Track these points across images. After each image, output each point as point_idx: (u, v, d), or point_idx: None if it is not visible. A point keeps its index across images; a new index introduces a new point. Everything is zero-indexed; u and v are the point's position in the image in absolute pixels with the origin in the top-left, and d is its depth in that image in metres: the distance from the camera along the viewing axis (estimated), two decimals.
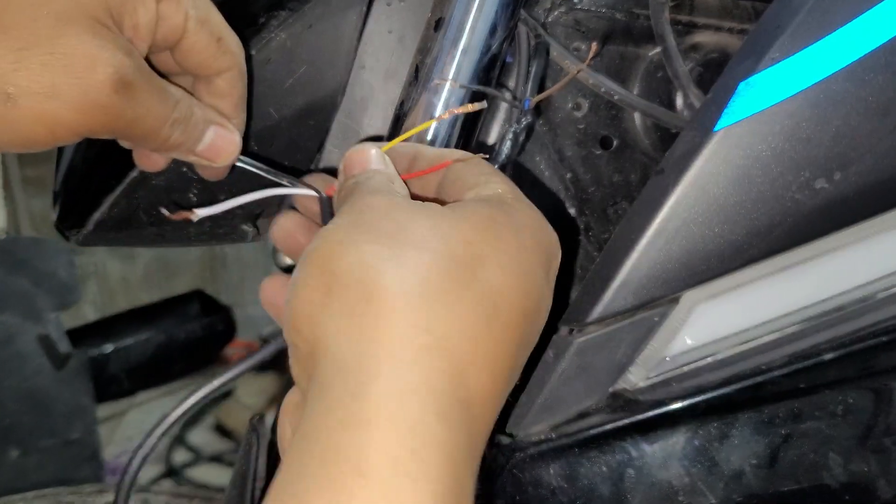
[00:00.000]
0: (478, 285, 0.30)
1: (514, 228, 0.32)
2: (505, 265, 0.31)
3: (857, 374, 0.44)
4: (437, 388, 0.27)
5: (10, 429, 1.25)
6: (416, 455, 0.25)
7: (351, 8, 0.48)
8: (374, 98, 0.51)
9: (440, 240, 0.30)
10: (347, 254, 0.30)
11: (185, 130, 0.40)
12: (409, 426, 0.26)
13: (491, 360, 0.29)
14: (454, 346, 0.28)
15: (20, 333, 1.26)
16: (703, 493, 0.42)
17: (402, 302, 0.28)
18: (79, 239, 0.50)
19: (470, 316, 0.29)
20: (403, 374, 0.27)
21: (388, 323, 0.28)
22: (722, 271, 0.40)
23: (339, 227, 0.32)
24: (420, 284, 0.29)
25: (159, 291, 2.02)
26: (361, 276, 0.29)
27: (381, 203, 0.33)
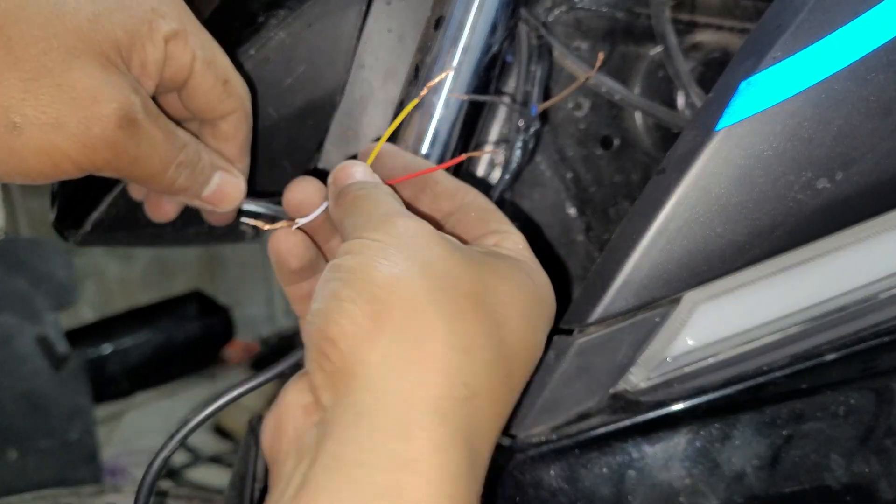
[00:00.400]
0: (503, 347, 0.31)
1: (535, 297, 0.34)
2: (523, 331, 0.32)
3: (859, 374, 0.44)
4: (469, 441, 0.29)
5: (8, 430, 1.25)
6: (450, 499, 0.27)
7: (350, 7, 0.48)
8: (374, 97, 0.50)
9: (482, 292, 0.31)
10: (398, 284, 0.30)
11: (192, 174, 0.40)
12: (450, 475, 0.27)
13: (501, 418, 0.31)
14: (482, 402, 0.30)
15: (18, 334, 1.26)
16: (705, 494, 0.42)
17: (448, 352, 0.29)
18: (77, 239, 0.49)
19: (495, 375, 0.30)
20: (446, 424, 0.28)
21: (435, 370, 0.29)
22: (723, 271, 0.40)
23: (384, 246, 0.31)
24: (463, 336, 0.30)
25: (158, 292, 2.02)
26: (412, 313, 0.29)
27: (422, 231, 0.32)
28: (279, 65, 0.46)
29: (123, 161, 0.36)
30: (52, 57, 0.34)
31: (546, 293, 0.35)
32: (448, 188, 0.38)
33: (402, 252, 0.31)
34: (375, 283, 0.30)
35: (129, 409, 1.82)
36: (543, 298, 0.35)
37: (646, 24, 0.52)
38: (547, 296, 0.35)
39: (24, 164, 0.35)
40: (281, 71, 0.47)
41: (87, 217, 0.49)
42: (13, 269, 1.28)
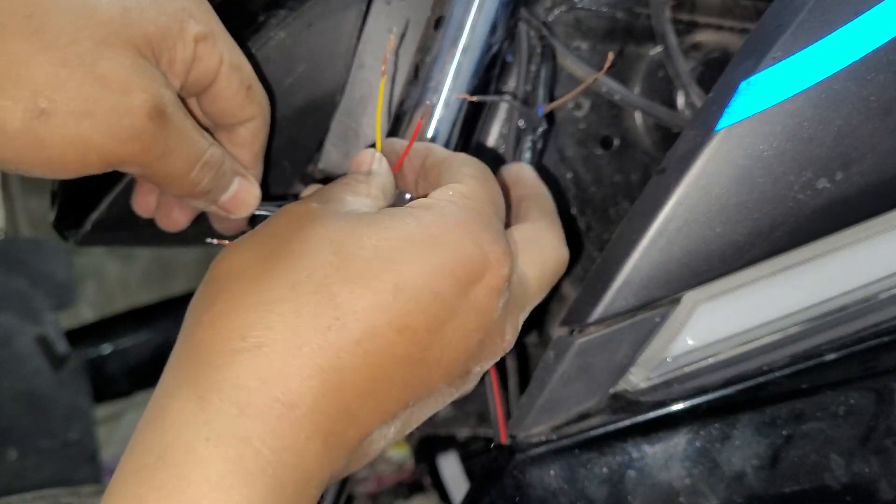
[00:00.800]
0: (319, 298, 0.30)
1: (413, 240, 0.31)
2: (369, 280, 0.30)
3: (859, 374, 0.44)
4: (245, 388, 0.28)
5: (7, 430, 1.25)
6: (209, 442, 0.28)
7: (350, 6, 0.48)
8: (374, 97, 0.50)
9: (312, 249, 0.31)
10: (224, 260, 0.32)
11: (215, 177, 0.40)
12: (204, 419, 0.28)
13: (327, 370, 0.30)
14: (273, 352, 0.29)
15: (18, 334, 1.26)
16: (705, 494, 0.42)
17: (234, 310, 0.30)
18: (77, 239, 0.49)
19: (301, 326, 0.30)
20: (209, 376, 0.29)
21: (213, 330, 0.30)
22: (723, 271, 0.40)
23: (245, 235, 0.34)
24: (261, 293, 0.30)
25: (158, 292, 2.02)
26: (217, 284, 0.31)
27: (295, 209, 0.34)
28: (279, 65, 0.46)
29: (151, 155, 0.36)
30: (83, 45, 0.33)
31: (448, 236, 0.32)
32: (433, 161, 0.38)
33: (257, 230, 0.34)
34: (214, 262, 0.33)
35: (129, 409, 1.82)
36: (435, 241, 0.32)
37: (646, 24, 0.52)
38: (448, 238, 0.32)
39: (48, 153, 0.34)
40: (281, 71, 0.47)
41: (88, 217, 0.49)
42: (13, 268, 1.28)
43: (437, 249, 0.31)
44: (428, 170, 0.38)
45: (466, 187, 0.35)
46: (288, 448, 0.28)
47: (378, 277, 0.30)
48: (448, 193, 0.34)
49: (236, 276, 0.31)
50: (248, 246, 0.32)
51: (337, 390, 0.30)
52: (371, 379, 0.30)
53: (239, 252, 0.32)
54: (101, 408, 1.64)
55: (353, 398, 0.30)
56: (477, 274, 0.32)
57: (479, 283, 0.32)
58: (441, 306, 0.31)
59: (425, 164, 0.38)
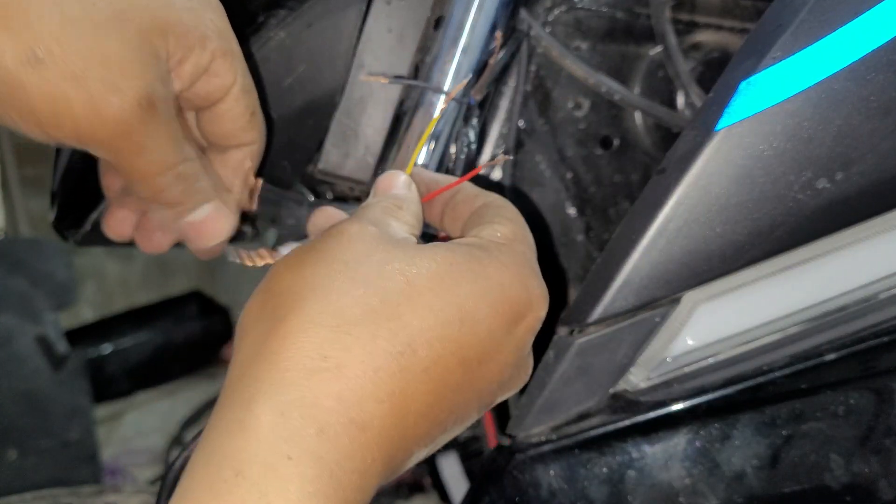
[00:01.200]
0: (397, 323, 0.31)
1: (474, 277, 0.33)
2: (438, 311, 0.31)
3: (858, 374, 0.44)
4: (323, 407, 0.29)
5: (7, 430, 1.25)
6: (291, 461, 0.27)
7: (350, 6, 0.48)
8: (374, 97, 0.50)
9: (378, 275, 0.31)
10: (288, 275, 0.32)
11: (185, 192, 0.39)
12: (285, 436, 0.28)
13: (397, 394, 0.30)
14: (352, 374, 0.29)
15: (18, 334, 1.26)
16: (705, 494, 0.42)
17: (310, 328, 0.30)
18: (77, 239, 0.49)
19: (377, 350, 0.30)
20: (290, 391, 0.29)
21: (290, 345, 0.30)
22: (723, 271, 0.40)
23: (300, 249, 0.34)
24: (336, 314, 0.30)
25: (157, 292, 2.02)
26: (287, 298, 0.31)
27: (351, 229, 0.34)
28: (279, 64, 0.46)
29: (128, 143, 0.35)
30: (99, 13, 0.33)
31: (501, 277, 0.34)
32: (468, 194, 0.39)
33: (316, 248, 0.33)
34: (273, 277, 0.32)
35: (128, 409, 1.82)
36: (491, 281, 0.33)
37: (645, 24, 0.52)
38: (502, 279, 0.34)
39: (26, 103, 0.33)
40: (281, 70, 0.47)
41: (87, 216, 0.49)
42: (13, 268, 1.28)
43: (493, 289, 0.33)
44: (458, 204, 0.39)
45: (510, 231, 0.36)
46: (356, 470, 0.29)
47: (445, 310, 0.32)
48: (496, 236, 0.35)
49: (308, 294, 0.31)
50: (311, 262, 0.32)
51: (402, 415, 0.31)
52: (428, 405, 0.32)
53: (302, 268, 0.32)
54: (101, 408, 1.64)
55: (411, 422, 0.31)
56: (521, 314, 0.34)
57: (521, 322, 0.34)
58: (492, 342, 0.33)
59: (455, 198, 0.39)
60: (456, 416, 0.34)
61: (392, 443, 0.31)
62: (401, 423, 0.31)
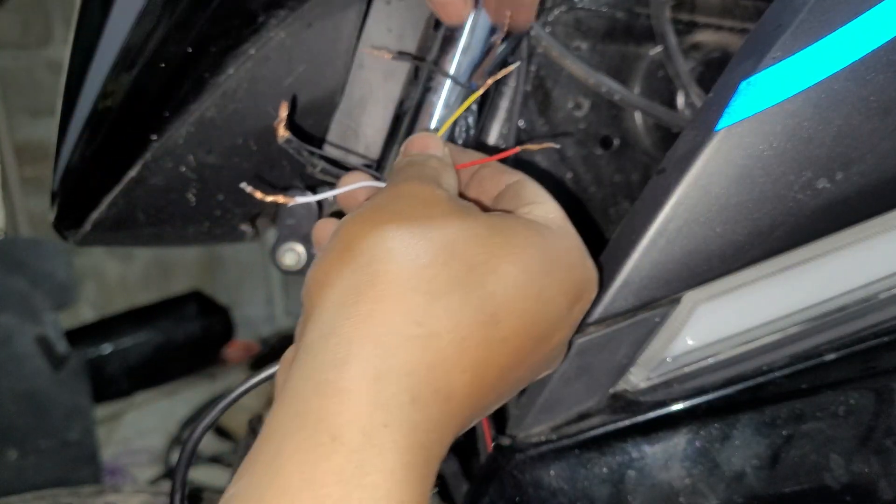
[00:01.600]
0: (482, 293, 0.31)
1: (546, 255, 0.33)
2: (520, 285, 0.32)
3: (858, 374, 0.44)
4: (417, 376, 0.28)
5: (8, 430, 1.25)
6: (388, 429, 0.27)
7: (350, 7, 0.48)
8: (374, 97, 0.50)
9: (463, 243, 0.31)
10: (370, 234, 0.31)
11: None
12: (381, 403, 0.27)
13: (478, 365, 0.30)
14: (442, 343, 0.29)
15: (18, 334, 1.26)
16: (705, 494, 0.42)
17: (403, 293, 0.30)
18: (77, 239, 0.49)
19: (465, 320, 0.30)
20: (386, 358, 0.28)
21: (383, 309, 0.29)
22: (723, 271, 0.40)
23: (374, 206, 0.33)
24: (427, 281, 0.30)
25: (157, 292, 2.02)
26: (373, 259, 0.30)
27: (420, 191, 0.34)
28: (279, 64, 0.46)
29: None
30: None
31: (568, 256, 0.34)
32: (493, 171, 0.39)
33: (391, 209, 0.32)
34: (350, 237, 0.32)
35: (128, 409, 1.82)
36: (560, 259, 0.34)
37: (645, 24, 0.52)
38: (568, 258, 0.34)
39: None
40: (281, 70, 0.47)
41: (87, 217, 0.49)
42: (13, 268, 1.28)
43: (563, 268, 0.34)
44: (484, 179, 0.39)
45: (559, 213, 0.36)
46: (439, 441, 0.29)
47: (526, 284, 0.32)
48: (549, 216, 0.36)
49: (397, 258, 0.30)
50: (391, 224, 0.31)
51: (480, 385, 0.31)
52: (499, 376, 0.32)
53: (381, 229, 0.31)
54: (101, 408, 1.64)
55: (484, 392, 0.31)
56: (580, 294, 0.35)
57: (579, 302, 0.35)
58: (558, 319, 0.34)
59: (481, 172, 0.39)
60: (512, 388, 0.34)
61: (465, 413, 0.31)
62: (476, 394, 0.31)
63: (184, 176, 0.47)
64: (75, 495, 0.60)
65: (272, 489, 0.26)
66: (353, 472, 0.26)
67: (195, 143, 0.47)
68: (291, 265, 0.52)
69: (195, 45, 0.45)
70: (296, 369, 0.29)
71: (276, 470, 0.26)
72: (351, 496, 0.25)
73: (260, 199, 0.37)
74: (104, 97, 0.48)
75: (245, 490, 0.27)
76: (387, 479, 0.26)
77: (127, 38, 0.47)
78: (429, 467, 0.28)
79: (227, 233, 0.52)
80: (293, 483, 0.26)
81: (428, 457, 0.28)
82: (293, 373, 0.29)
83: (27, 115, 1.80)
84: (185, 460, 0.40)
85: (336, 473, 0.26)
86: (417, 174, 0.35)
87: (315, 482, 0.26)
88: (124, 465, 1.67)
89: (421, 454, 0.28)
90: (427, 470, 0.28)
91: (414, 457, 0.27)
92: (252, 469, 0.27)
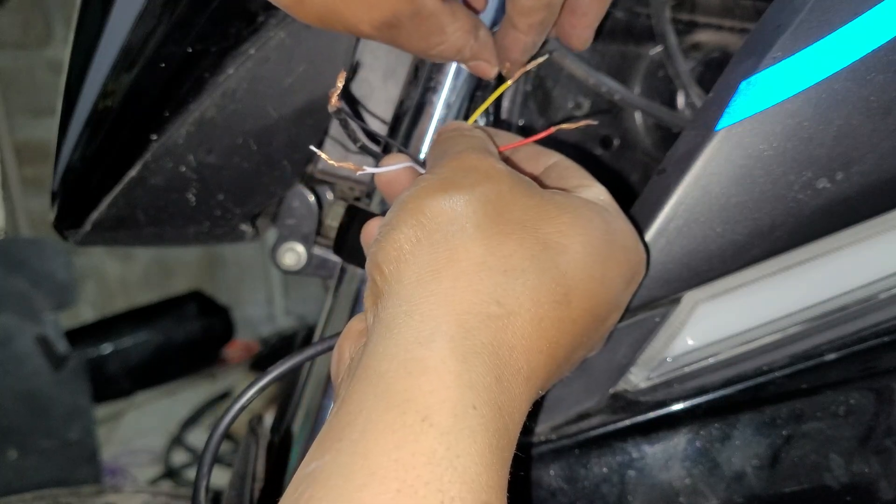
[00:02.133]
0: (556, 272, 0.31)
1: (609, 236, 0.33)
2: (589, 266, 0.32)
3: (859, 374, 0.44)
4: (500, 356, 0.28)
5: (8, 430, 1.25)
6: (476, 411, 0.26)
7: None
8: (374, 97, 0.50)
9: (535, 220, 0.31)
10: (441, 210, 0.31)
11: None
12: (470, 383, 0.27)
13: (552, 345, 0.30)
14: (520, 321, 0.29)
15: (18, 334, 1.26)
16: (705, 494, 0.42)
17: (481, 271, 0.29)
18: (77, 239, 0.49)
19: (543, 299, 0.30)
20: (471, 336, 0.28)
21: (467, 287, 0.29)
22: (724, 271, 0.40)
23: (442, 178, 0.32)
24: (504, 258, 0.30)
25: (158, 292, 2.02)
26: (449, 234, 0.30)
27: (481, 164, 0.33)
28: (279, 64, 0.46)
29: None
30: None
31: (625, 238, 0.34)
32: (529, 153, 0.39)
33: (457, 182, 0.32)
34: (421, 210, 0.31)
35: (128, 409, 1.82)
36: (618, 241, 0.34)
37: (646, 24, 0.52)
38: (625, 240, 0.34)
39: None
40: (281, 70, 0.47)
41: (88, 217, 0.49)
42: (13, 268, 1.28)
43: (621, 250, 0.34)
44: (520, 161, 0.39)
45: (608, 195, 0.36)
46: (519, 422, 0.29)
47: (593, 266, 0.32)
48: (601, 198, 0.36)
49: (473, 233, 0.30)
50: (462, 199, 0.31)
51: (552, 365, 0.31)
52: (566, 356, 0.32)
53: (455, 203, 0.31)
54: (101, 408, 1.64)
55: (553, 371, 0.31)
56: (634, 275, 0.35)
57: (632, 283, 0.35)
58: (616, 300, 0.34)
59: (517, 155, 0.39)
60: (572, 368, 0.35)
61: (537, 393, 0.31)
62: (548, 374, 0.31)
63: (184, 176, 0.47)
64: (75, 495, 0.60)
65: (361, 470, 0.25)
66: (444, 454, 0.25)
67: (195, 143, 0.47)
68: (291, 265, 0.52)
69: (195, 45, 0.45)
70: (376, 344, 0.28)
71: (363, 450, 0.26)
72: (442, 478, 0.25)
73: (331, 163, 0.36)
74: (104, 97, 0.48)
75: (331, 466, 0.26)
76: (476, 461, 0.26)
77: (127, 38, 0.47)
78: (511, 450, 0.28)
79: (227, 233, 0.52)
80: (382, 463, 0.25)
81: (511, 439, 0.28)
82: (373, 348, 0.28)
83: (27, 115, 1.80)
84: (216, 439, 0.39)
85: (426, 455, 0.25)
86: (472, 146, 0.35)
87: (405, 463, 0.25)
88: (124, 465, 1.67)
89: (506, 436, 0.27)
90: (510, 453, 0.28)
91: (500, 439, 0.27)
92: (338, 447, 0.26)
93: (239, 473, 0.54)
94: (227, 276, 2.20)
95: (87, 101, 0.49)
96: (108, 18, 0.48)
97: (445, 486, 0.25)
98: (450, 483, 0.25)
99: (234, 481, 0.54)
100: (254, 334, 2.14)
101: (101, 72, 0.48)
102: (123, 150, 0.47)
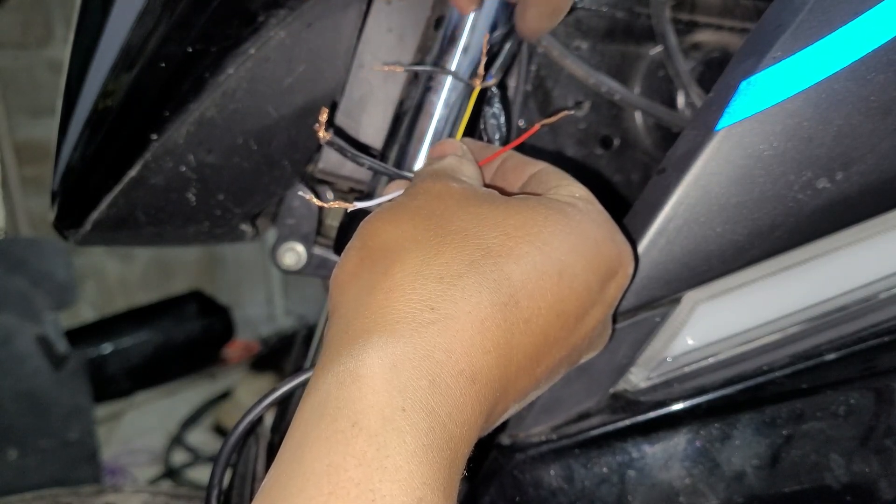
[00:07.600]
0: (498, 275, 0.31)
1: (569, 232, 0.33)
2: (538, 264, 0.32)
3: (858, 374, 0.44)
4: (434, 360, 0.29)
5: (8, 429, 1.25)
6: (406, 413, 0.27)
7: (350, 6, 0.48)
8: (374, 97, 0.50)
9: (478, 228, 0.32)
10: (384, 231, 0.32)
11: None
12: (399, 388, 0.28)
13: (502, 345, 0.30)
14: (460, 326, 0.30)
15: (18, 334, 1.26)
16: (705, 494, 0.42)
17: (415, 281, 0.30)
18: (77, 239, 0.49)
19: (483, 301, 0.30)
20: (401, 343, 0.29)
21: (398, 298, 0.30)
22: (724, 271, 0.40)
23: (392, 206, 0.34)
24: (440, 267, 0.31)
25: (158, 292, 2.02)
26: (387, 253, 0.31)
27: (433, 187, 0.34)
28: (279, 64, 0.46)
29: None
30: None
31: (595, 231, 0.34)
32: (516, 163, 0.40)
33: (406, 205, 0.33)
34: (368, 235, 0.33)
35: (128, 408, 1.82)
36: (586, 234, 0.34)
37: (646, 24, 0.52)
38: (595, 233, 0.34)
39: None
40: (281, 70, 0.47)
41: (88, 216, 0.49)
42: (13, 268, 1.28)
43: (588, 244, 0.34)
44: (508, 171, 0.40)
45: (585, 192, 0.36)
46: (465, 422, 0.29)
47: (544, 263, 0.32)
48: (575, 195, 0.36)
49: (410, 247, 0.31)
50: (406, 218, 0.33)
51: (505, 366, 0.31)
52: (528, 357, 0.32)
53: (398, 224, 0.32)
54: (101, 408, 1.64)
55: (513, 375, 0.31)
56: (613, 271, 0.35)
57: (613, 279, 0.35)
58: (588, 297, 0.34)
59: (504, 165, 0.40)
60: (549, 372, 0.34)
61: (495, 395, 0.31)
62: (504, 376, 0.31)
63: (184, 176, 0.47)
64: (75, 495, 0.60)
65: (297, 477, 0.26)
66: (374, 454, 0.26)
67: (195, 143, 0.47)
68: (291, 265, 0.52)
69: (195, 45, 0.45)
70: (318, 366, 0.30)
71: (299, 458, 0.27)
72: (372, 478, 0.26)
73: (319, 205, 0.37)
74: (104, 97, 0.48)
75: (272, 478, 0.27)
76: (408, 460, 0.26)
77: (127, 38, 0.47)
78: (453, 449, 0.28)
79: (227, 233, 0.52)
80: (316, 469, 0.26)
81: (451, 438, 0.28)
82: (318, 367, 0.30)
83: (27, 115, 1.81)
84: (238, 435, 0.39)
85: (357, 457, 0.26)
86: (432, 173, 0.36)
87: (337, 467, 0.26)
88: (124, 465, 1.67)
89: (442, 436, 0.28)
90: (451, 452, 0.28)
91: (435, 438, 0.27)
92: (279, 460, 0.28)
93: (239, 474, 0.54)
94: (227, 276, 2.20)
95: (87, 100, 0.49)
96: (108, 18, 0.48)
97: (376, 485, 0.26)
98: (380, 482, 0.26)
99: (235, 481, 0.54)
100: (254, 334, 2.14)
101: (101, 72, 0.48)
102: (123, 149, 0.47)
